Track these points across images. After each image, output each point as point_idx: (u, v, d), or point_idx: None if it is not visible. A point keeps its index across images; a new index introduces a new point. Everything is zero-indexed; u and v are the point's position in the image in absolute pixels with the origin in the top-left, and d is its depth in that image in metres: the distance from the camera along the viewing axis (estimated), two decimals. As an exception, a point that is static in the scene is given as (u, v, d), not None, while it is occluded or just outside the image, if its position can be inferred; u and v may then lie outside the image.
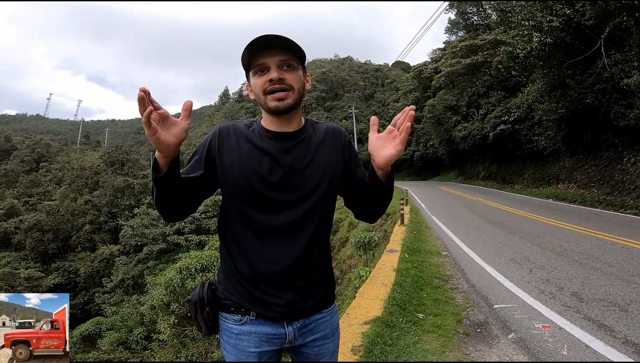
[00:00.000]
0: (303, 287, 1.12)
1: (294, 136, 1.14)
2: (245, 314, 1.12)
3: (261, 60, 1.07)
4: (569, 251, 5.89)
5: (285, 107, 1.08)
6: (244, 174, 1.08)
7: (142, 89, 0.89)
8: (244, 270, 1.11)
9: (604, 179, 12.79)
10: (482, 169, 26.56)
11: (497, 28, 17.96)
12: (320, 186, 1.12)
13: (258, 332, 1.12)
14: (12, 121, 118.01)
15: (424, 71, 35.38)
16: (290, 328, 1.13)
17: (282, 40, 1.05)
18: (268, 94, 1.08)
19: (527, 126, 18.77)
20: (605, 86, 11.97)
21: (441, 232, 8.52)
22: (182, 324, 8.31)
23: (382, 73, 71.52)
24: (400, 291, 4.25)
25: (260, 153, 1.10)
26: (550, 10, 12.00)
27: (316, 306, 1.17)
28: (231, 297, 1.13)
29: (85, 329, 14.20)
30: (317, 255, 1.15)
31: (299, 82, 1.11)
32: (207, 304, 1.13)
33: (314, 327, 1.17)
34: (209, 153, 1.13)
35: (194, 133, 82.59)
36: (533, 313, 3.64)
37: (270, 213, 1.09)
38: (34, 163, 42.86)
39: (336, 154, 1.18)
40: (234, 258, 1.13)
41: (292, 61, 1.09)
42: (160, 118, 0.93)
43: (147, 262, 19.98)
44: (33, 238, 24.29)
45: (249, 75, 1.13)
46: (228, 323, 1.14)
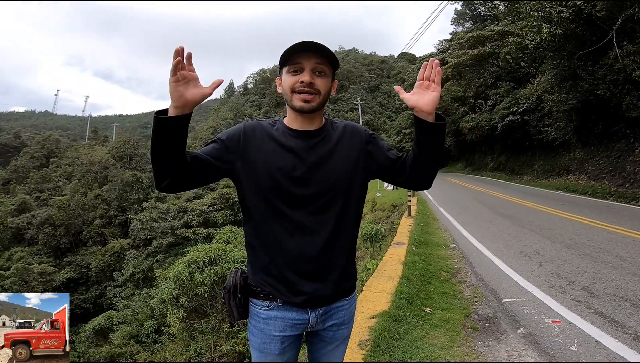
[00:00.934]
0: (327, 277, 1.21)
1: (315, 134, 1.23)
2: (273, 300, 1.21)
3: (298, 60, 1.16)
4: (579, 244, 5.79)
5: (309, 109, 1.18)
6: (269, 171, 1.16)
7: (179, 47, 1.00)
8: (270, 262, 1.19)
9: (616, 171, 12.55)
10: (490, 161, 26.27)
11: (505, 19, 17.64)
12: (340, 181, 1.20)
13: (284, 317, 1.21)
14: (21, 117, 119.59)
15: (431, 62, 35.02)
16: (313, 315, 1.23)
17: (321, 48, 1.15)
18: (296, 93, 1.17)
19: (537, 117, 18.48)
20: (617, 77, 11.76)
21: (449, 224, 8.44)
22: (192, 317, 8.40)
23: (387, 65, 70.91)
24: (407, 285, 4.22)
25: (284, 150, 1.18)
26: (560, 1, 11.80)
27: (338, 294, 1.26)
28: (260, 285, 1.22)
29: (98, 323, 14.48)
30: (341, 247, 1.23)
31: (326, 87, 1.21)
32: (239, 291, 1.22)
33: (334, 313, 1.27)
34: (230, 145, 1.19)
35: (200, 126, 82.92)
36: (543, 307, 3.59)
37: (293, 207, 1.16)
38: (44, 158, 43.40)
39: (355, 149, 1.25)
40: (260, 250, 1.21)
41: (325, 67, 1.19)
42: (187, 78, 1.03)
43: (157, 256, 20.22)
44: (45, 233, 24.66)
45: (282, 70, 1.21)
46: (257, 309, 1.24)
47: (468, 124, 24.92)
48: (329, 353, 1.33)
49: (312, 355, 1.37)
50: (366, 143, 1.27)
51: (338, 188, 1.19)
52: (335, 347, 1.33)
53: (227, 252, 8.71)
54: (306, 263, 1.17)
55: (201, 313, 8.52)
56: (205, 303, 8.34)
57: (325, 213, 1.18)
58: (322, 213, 1.18)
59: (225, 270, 8.19)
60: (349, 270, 1.28)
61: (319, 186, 1.17)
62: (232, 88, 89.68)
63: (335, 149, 1.23)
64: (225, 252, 8.67)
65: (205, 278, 7.99)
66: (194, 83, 1.04)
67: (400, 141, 44.08)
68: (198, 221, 20.96)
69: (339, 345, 1.33)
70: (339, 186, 1.20)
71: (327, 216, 1.19)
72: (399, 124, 46.17)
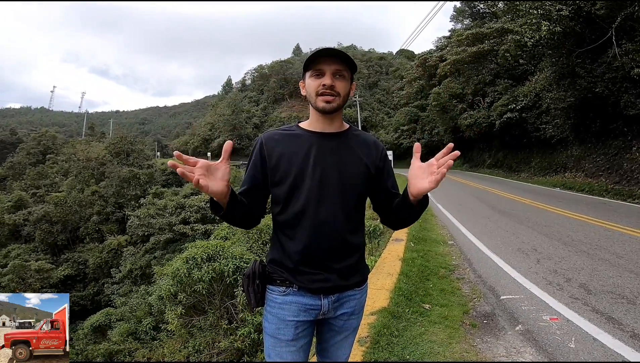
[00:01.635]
0: (341, 269, 1.29)
1: (334, 136, 1.33)
2: (289, 286, 1.29)
3: (320, 66, 1.26)
4: (576, 242, 5.82)
5: (331, 109, 1.28)
6: (291, 171, 1.26)
7: (173, 162, 1.10)
8: (291, 253, 1.27)
9: (613, 168, 12.60)
10: (488, 158, 26.33)
11: (505, 16, 17.61)
12: (354, 183, 1.30)
13: (298, 302, 1.29)
14: (17, 114, 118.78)
15: (429, 59, 34.94)
16: (326, 301, 1.30)
17: (340, 54, 1.26)
18: (319, 95, 1.27)
19: (535, 114, 18.53)
20: (615, 75, 11.80)
21: (447, 221, 8.46)
22: (190, 314, 8.39)
23: (386, 61, 70.78)
24: (406, 282, 4.22)
25: (305, 151, 1.28)
26: None
27: (351, 284, 1.33)
28: (279, 272, 1.30)
29: (96, 320, 14.42)
30: (352, 240, 1.31)
31: (346, 90, 1.30)
32: (257, 277, 1.30)
33: (346, 301, 1.34)
34: (262, 162, 1.30)
35: (198, 123, 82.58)
36: (540, 304, 3.61)
37: (312, 205, 1.25)
38: (40, 155, 43.11)
39: (371, 159, 1.35)
40: (283, 242, 1.30)
41: (345, 71, 1.28)
42: (203, 171, 1.09)
43: (154, 252, 20.16)
44: (42, 229, 24.54)
45: (305, 74, 1.32)
46: (273, 295, 1.31)
47: (466, 121, 24.98)
48: (337, 344, 1.39)
49: (321, 346, 1.43)
50: (378, 159, 1.37)
51: (351, 190, 1.29)
52: (344, 337, 1.39)
53: (226, 248, 8.67)
54: (322, 257, 1.26)
55: (199, 309, 8.52)
56: (204, 300, 8.33)
57: (341, 212, 1.27)
58: (338, 212, 1.27)
59: (224, 267, 8.17)
60: (360, 262, 1.37)
61: (334, 186, 1.27)
62: (230, 84, 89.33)
63: (353, 154, 1.32)
64: (223, 248, 8.63)
65: (204, 275, 7.96)
66: (211, 168, 1.11)
67: (399, 137, 44.08)
68: (196, 217, 20.89)
69: (348, 335, 1.39)
70: (352, 189, 1.29)
71: (341, 211, 1.27)
72: (397, 120, 46.14)
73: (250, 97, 74.03)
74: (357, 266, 1.35)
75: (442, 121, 32.75)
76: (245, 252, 9.16)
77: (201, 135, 70.16)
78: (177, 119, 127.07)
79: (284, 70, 71.14)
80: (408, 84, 40.69)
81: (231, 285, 8.08)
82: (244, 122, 64.51)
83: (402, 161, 40.46)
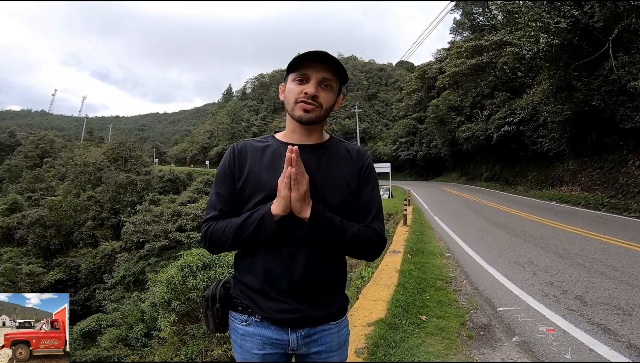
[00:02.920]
0: (311, 298, 1.12)
1: (312, 149, 1.16)
2: (251, 315, 1.13)
3: (306, 71, 1.12)
4: (572, 254, 5.84)
5: (308, 120, 1.12)
6: (264, 188, 1.11)
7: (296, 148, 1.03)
8: (253, 275, 1.14)
9: (608, 182, 12.71)
10: (485, 171, 26.48)
11: (503, 29, 17.77)
12: (331, 200, 1.12)
13: (261, 335, 1.13)
14: (16, 116, 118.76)
15: (428, 71, 35.31)
16: (294, 336, 1.13)
17: (331, 60, 1.10)
18: (298, 103, 1.12)
19: (532, 127, 18.71)
20: (612, 88, 11.89)
21: (444, 233, 8.47)
22: (183, 322, 8.30)
23: (385, 73, 71.48)
24: (403, 293, 4.22)
25: (277, 168, 1.11)
26: (558, 11, 11.88)
27: (324, 317, 1.15)
28: (241, 297, 1.15)
29: (85, 326, 14.20)
30: (329, 269, 1.15)
31: (330, 102, 1.15)
32: (217, 301, 1.17)
33: (319, 337, 1.15)
34: (231, 175, 1.17)
35: (197, 130, 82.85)
36: (537, 316, 3.61)
37: (281, 224, 1.08)
38: (38, 158, 42.99)
39: (352, 175, 1.18)
40: (244, 263, 1.16)
41: (333, 82, 1.14)
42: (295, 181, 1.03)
43: (149, 259, 19.97)
44: (35, 233, 24.30)
45: (288, 77, 1.17)
46: (235, 323, 1.17)
47: (464, 134, 25.13)
48: None
49: None
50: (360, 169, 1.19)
51: (331, 208, 1.11)
52: None
53: (221, 257, 8.64)
54: (290, 283, 1.09)
55: (193, 317, 8.43)
56: (198, 308, 8.25)
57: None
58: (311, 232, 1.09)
59: (219, 275, 8.12)
60: (338, 292, 1.19)
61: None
62: (231, 92, 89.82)
63: (332, 169, 1.16)
64: (219, 257, 8.60)
65: (198, 283, 7.92)
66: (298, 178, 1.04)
67: (397, 149, 44.26)
68: (192, 225, 20.78)
69: None
70: (329, 206, 1.11)
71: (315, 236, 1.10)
72: (396, 132, 46.39)
73: (250, 106, 74.42)
74: (333, 295, 1.17)
75: (440, 134, 32.99)
76: (241, 260, 9.11)
77: (200, 143, 70.21)
78: (176, 126, 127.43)
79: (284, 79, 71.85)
80: (407, 95, 41.04)
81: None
82: (243, 131, 64.67)
83: (399, 173, 40.69)
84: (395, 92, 57.40)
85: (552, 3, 12.14)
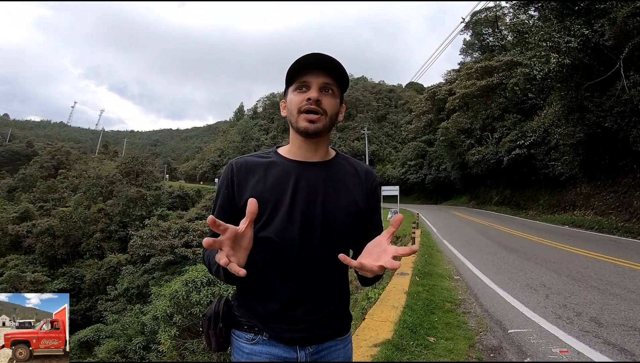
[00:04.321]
0: (320, 317, 1.10)
1: (318, 166, 1.12)
2: (258, 333, 1.10)
3: (305, 78, 1.06)
4: (586, 277, 5.69)
5: (314, 130, 1.06)
6: (267, 209, 1.05)
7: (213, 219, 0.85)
8: (259, 293, 1.10)
9: (623, 206, 12.41)
10: (495, 194, 26.12)
11: (513, 49, 17.66)
12: (341, 223, 1.09)
13: (270, 353, 1.09)
14: (35, 127, 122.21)
15: (438, 93, 35.49)
16: (302, 353, 1.10)
17: (330, 62, 1.05)
18: (302, 113, 1.06)
19: (543, 150, 18.49)
20: (624, 109, 11.68)
21: (453, 256, 8.34)
22: (184, 337, 8.20)
23: (395, 94, 72.22)
24: (411, 314, 4.13)
25: (282, 186, 1.07)
26: (568, 30, 11.71)
27: (331, 334, 1.15)
28: (246, 316, 1.11)
29: (84, 335, 14.11)
30: (336, 290, 1.15)
31: (334, 109, 1.09)
32: (221, 319, 1.11)
33: (327, 353, 1.14)
34: (231, 196, 1.11)
35: (208, 148, 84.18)
36: (550, 338, 3.51)
37: (290, 247, 1.06)
38: (53, 169, 44.01)
39: (360, 193, 1.14)
40: (250, 282, 1.08)
41: (334, 87, 1.08)
42: (231, 243, 0.88)
43: (153, 273, 20.01)
44: (44, 242, 24.63)
45: (287, 90, 1.12)
46: (240, 342, 1.12)
47: (474, 157, 24.84)
48: None
49: None
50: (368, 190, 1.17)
51: (334, 228, 1.08)
52: None
53: (227, 273, 8.60)
54: (296, 309, 1.08)
55: (194, 332, 8.33)
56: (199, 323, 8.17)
57: (322, 258, 1.08)
58: (320, 258, 1.08)
59: (224, 292, 8.07)
60: (342, 311, 1.19)
61: (318, 224, 1.07)
62: (242, 111, 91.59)
63: (340, 188, 1.12)
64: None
65: (202, 298, 7.86)
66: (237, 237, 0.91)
67: (405, 172, 44.02)
68: (199, 241, 20.83)
69: None
70: (335, 227, 1.08)
71: (324, 260, 1.08)
72: (405, 155, 46.26)
73: (261, 125, 75.56)
74: (338, 316, 1.16)
75: (449, 157, 32.75)
76: (246, 278, 9.10)
77: (210, 160, 71.10)
78: (188, 143, 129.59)
79: (295, 99, 73.18)
80: (416, 118, 41.23)
81: (230, 309, 7.97)
82: (253, 150, 65.22)
83: (407, 196, 40.33)
84: (405, 113, 57.73)
85: (562, 22, 12.04)
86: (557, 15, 12.38)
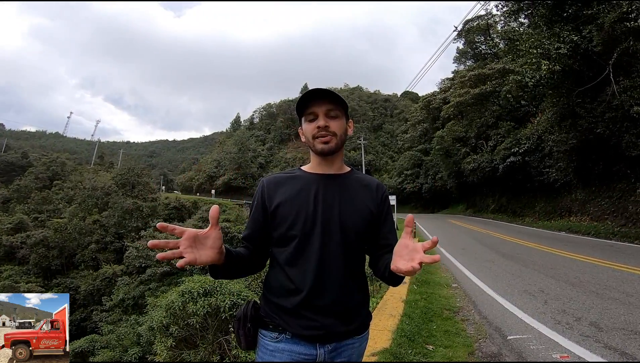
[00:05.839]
0: (341, 316, 1.22)
1: (334, 177, 1.31)
2: (282, 332, 1.22)
3: (311, 109, 1.26)
4: (584, 282, 5.70)
5: (329, 150, 1.26)
6: (293, 212, 1.22)
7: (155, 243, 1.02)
8: (284, 295, 1.22)
9: (618, 211, 12.51)
10: (491, 202, 26.24)
11: (506, 56, 17.88)
12: (356, 224, 1.25)
13: (291, 350, 1.20)
14: (31, 137, 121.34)
15: (433, 102, 35.82)
16: (322, 350, 1.21)
17: (328, 94, 1.24)
18: (316, 138, 1.26)
19: (538, 157, 18.66)
20: (615, 114, 11.77)
21: (450, 264, 8.34)
22: (180, 347, 8.08)
23: (391, 103, 72.78)
24: (409, 323, 4.12)
25: (305, 193, 1.25)
26: (558, 37, 11.84)
27: (350, 332, 1.25)
28: (271, 316, 1.24)
29: (78, 345, 13.81)
30: (355, 284, 1.27)
31: (342, 129, 1.28)
32: (249, 320, 1.25)
33: (344, 350, 1.25)
34: (263, 206, 1.28)
35: (204, 159, 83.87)
36: (550, 343, 3.50)
37: (314, 246, 1.21)
38: (48, 180, 43.65)
39: (372, 201, 1.31)
40: (282, 282, 1.24)
41: (337, 111, 1.27)
42: (189, 243, 1.04)
43: (149, 284, 19.75)
44: (38, 253, 24.32)
45: (301, 120, 1.32)
46: (265, 340, 1.24)
47: (469, 166, 25.01)
48: None
49: None
50: (379, 201, 1.33)
51: (351, 230, 1.24)
52: None
53: (223, 285, 8.52)
54: (320, 299, 1.19)
55: (191, 343, 8.20)
56: (196, 334, 8.04)
57: (341, 252, 1.23)
58: (338, 252, 1.22)
59: (220, 302, 7.98)
60: (363, 308, 1.31)
61: (337, 225, 1.23)
62: (239, 121, 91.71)
63: (355, 195, 1.29)
64: (220, 284, 8.48)
65: (199, 309, 7.75)
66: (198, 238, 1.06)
67: (402, 182, 44.10)
68: (195, 251, 20.68)
69: None
70: (352, 229, 1.24)
71: (342, 255, 1.23)
72: (401, 165, 46.42)
73: (257, 136, 75.61)
74: (359, 311, 1.28)
75: (445, 166, 32.92)
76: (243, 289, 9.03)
77: (207, 172, 70.74)
78: (184, 154, 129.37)
79: (291, 109, 73.42)
80: (412, 127, 41.50)
81: (226, 320, 7.89)
82: (250, 161, 65.13)
83: (404, 206, 40.33)
84: (401, 123, 58.16)
85: (551, 29, 12.19)
86: (546, 22, 12.55)
